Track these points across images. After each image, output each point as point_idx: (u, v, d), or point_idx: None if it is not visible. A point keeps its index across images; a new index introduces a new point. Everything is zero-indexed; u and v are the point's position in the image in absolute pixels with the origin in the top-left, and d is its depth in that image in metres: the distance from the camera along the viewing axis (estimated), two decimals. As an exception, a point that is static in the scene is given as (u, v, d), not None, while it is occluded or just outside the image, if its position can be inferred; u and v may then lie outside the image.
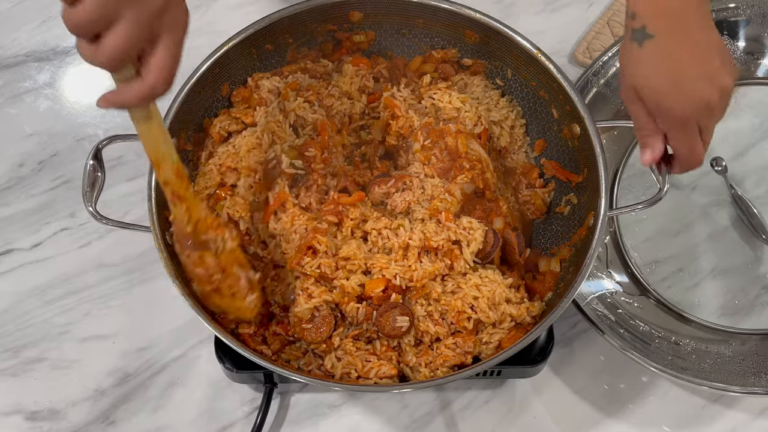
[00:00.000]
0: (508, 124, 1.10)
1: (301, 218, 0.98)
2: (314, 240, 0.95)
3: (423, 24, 1.08)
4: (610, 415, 1.05)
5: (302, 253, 0.95)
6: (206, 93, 1.04)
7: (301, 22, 1.06)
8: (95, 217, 0.92)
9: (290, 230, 0.97)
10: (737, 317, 1.07)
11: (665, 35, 0.80)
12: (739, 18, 1.17)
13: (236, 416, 1.04)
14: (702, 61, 0.81)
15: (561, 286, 0.97)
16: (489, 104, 1.10)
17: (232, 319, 0.94)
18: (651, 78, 0.82)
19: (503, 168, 1.09)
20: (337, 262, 0.95)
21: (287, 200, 0.99)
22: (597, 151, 0.97)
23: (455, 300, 0.94)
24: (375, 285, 0.94)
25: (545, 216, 1.08)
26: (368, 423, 1.05)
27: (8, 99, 1.24)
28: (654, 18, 0.80)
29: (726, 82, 0.82)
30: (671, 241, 1.12)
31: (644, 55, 0.82)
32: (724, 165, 1.13)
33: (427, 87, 1.09)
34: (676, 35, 0.81)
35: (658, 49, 0.81)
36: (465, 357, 0.94)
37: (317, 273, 0.94)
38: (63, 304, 1.10)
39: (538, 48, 1.02)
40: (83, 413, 1.04)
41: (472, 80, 1.11)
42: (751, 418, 1.05)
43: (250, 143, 1.01)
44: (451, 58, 1.11)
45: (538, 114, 1.10)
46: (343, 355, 0.94)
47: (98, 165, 0.93)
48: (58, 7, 1.35)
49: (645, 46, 0.81)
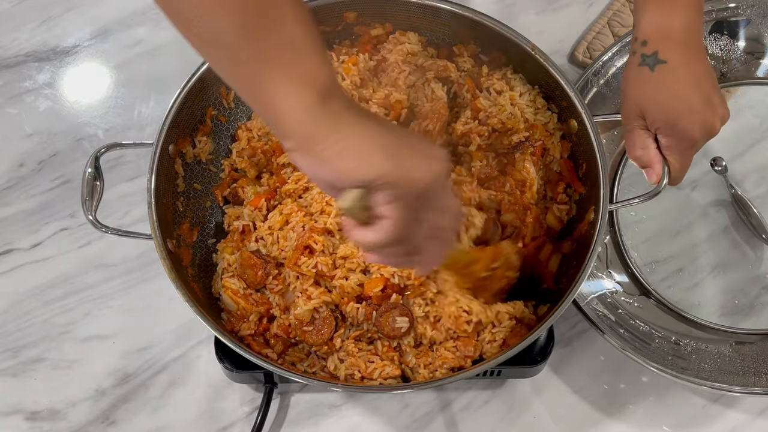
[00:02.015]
0: (551, 127, 1.07)
1: (299, 215, 0.97)
2: (311, 239, 0.95)
3: (418, 22, 1.08)
4: (610, 415, 1.05)
5: (299, 252, 0.95)
6: (204, 95, 1.03)
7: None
8: (95, 226, 0.92)
9: (288, 228, 0.97)
10: (737, 317, 1.07)
11: (677, 62, 0.87)
12: (739, 18, 1.17)
13: (236, 416, 1.04)
14: (706, 89, 0.88)
15: (564, 282, 0.97)
16: (534, 106, 1.07)
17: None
18: (668, 100, 0.88)
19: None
20: (335, 261, 0.95)
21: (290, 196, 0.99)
22: (595, 144, 0.97)
23: (449, 306, 0.94)
24: (374, 284, 0.94)
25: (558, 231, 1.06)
26: (368, 423, 1.05)
27: (8, 99, 1.24)
28: (666, 46, 0.87)
29: (724, 113, 0.90)
30: (671, 241, 1.12)
31: (657, 79, 0.87)
32: (724, 165, 1.13)
33: (487, 77, 1.07)
34: (685, 63, 0.87)
35: (671, 74, 0.87)
36: (464, 361, 0.94)
37: (313, 273, 0.94)
38: (63, 304, 1.10)
39: (533, 45, 1.01)
40: (83, 413, 1.04)
41: (514, 76, 1.09)
42: (751, 418, 1.05)
43: None
44: (471, 53, 1.09)
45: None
46: (345, 356, 0.94)
47: (97, 173, 0.93)
48: (59, 7, 1.35)
49: (658, 71, 0.87)
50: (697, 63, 0.88)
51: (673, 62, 0.87)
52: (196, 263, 1.00)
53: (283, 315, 0.96)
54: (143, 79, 1.25)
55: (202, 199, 1.05)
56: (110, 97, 1.25)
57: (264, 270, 0.96)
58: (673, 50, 0.87)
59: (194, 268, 0.99)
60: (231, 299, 0.96)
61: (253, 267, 0.97)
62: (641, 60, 0.88)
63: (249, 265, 0.97)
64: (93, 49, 1.28)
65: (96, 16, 1.30)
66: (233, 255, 1.00)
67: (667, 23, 0.87)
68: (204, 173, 1.06)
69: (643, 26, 0.89)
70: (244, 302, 0.96)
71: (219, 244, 1.03)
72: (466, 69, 1.08)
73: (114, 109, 1.23)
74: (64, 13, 1.30)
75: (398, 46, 1.07)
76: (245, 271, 0.97)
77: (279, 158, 1.05)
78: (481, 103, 1.05)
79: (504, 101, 1.05)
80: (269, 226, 0.99)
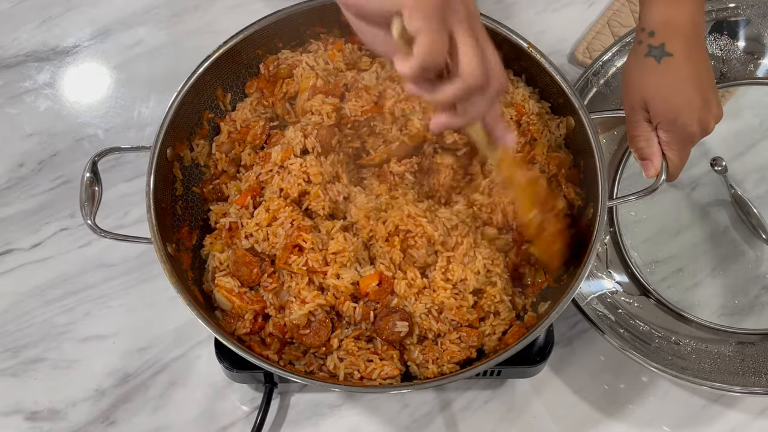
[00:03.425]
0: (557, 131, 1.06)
1: (286, 210, 0.97)
2: (299, 238, 0.95)
3: None
4: (610, 415, 1.05)
5: (288, 251, 0.94)
6: (200, 98, 1.03)
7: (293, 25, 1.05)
8: (94, 230, 0.92)
9: (276, 224, 0.97)
10: (737, 317, 1.07)
11: (682, 57, 0.87)
12: (739, 18, 1.17)
13: (236, 416, 1.04)
14: (705, 88, 0.89)
15: (564, 279, 0.97)
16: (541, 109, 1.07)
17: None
18: (671, 95, 0.88)
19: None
20: (326, 257, 0.95)
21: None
22: (592, 140, 0.97)
23: (448, 298, 0.95)
24: (369, 280, 0.94)
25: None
26: (368, 423, 1.05)
27: (8, 99, 1.24)
28: (673, 38, 0.87)
29: (718, 113, 0.91)
30: (671, 241, 1.12)
31: (662, 71, 0.88)
32: (724, 165, 1.13)
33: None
34: (689, 59, 0.88)
35: (676, 68, 0.88)
36: (470, 351, 0.95)
37: (305, 270, 0.94)
38: (63, 304, 1.10)
39: (528, 42, 1.01)
40: (83, 413, 1.04)
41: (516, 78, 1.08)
42: (751, 418, 1.05)
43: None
44: None
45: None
46: (345, 355, 0.94)
47: (95, 178, 0.93)
48: (59, 7, 1.35)
49: (664, 63, 0.87)
50: (700, 60, 0.89)
51: (678, 56, 0.88)
52: (196, 266, 1.00)
53: (278, 314, 0.96)
54: (143, 79, 1.25)
55: (201, 203, 1.05)
56: (110, 97, 1.25)
57: (259, 268, 0.96)
58: (680, 44, 0.88)
59: (194, 271, 0.98)
60: (225, 298, 0.95)
61: (248, 265, 0.96)
62: (648, 50, 0.89)
63: (244, 262, 0.96)
64: (93, 49, 1.28)
65: (96, 16, 1.30)
66: (224, 253, 0.99)
67: (675, 17, 0.88)
68: (202, 176, 1.06)
69: (652, 17, 0.89)
70: (239, 300, 0.95)
71: (205, 239, 1.01)
72: None
73: (114, 109, 1.23)
74: (64, 13, 1.30)
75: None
76: (239, 268, 0.96)
77: (246, 150, 1.05)
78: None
79: (516, 98, 1.05)
80: (256, 222, 0.98)
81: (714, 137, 0.91)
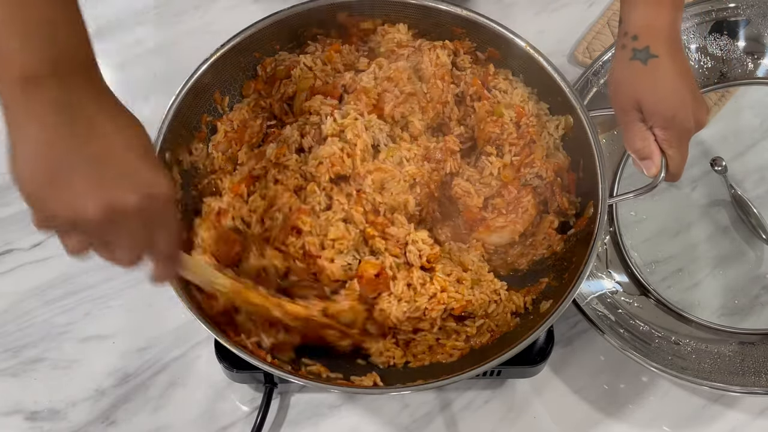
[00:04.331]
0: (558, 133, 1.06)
1: (285, 195, 0.97)
2: (298, 220, 0.95)
3: (410, 22, 1.08)
4: (610, 415, 1.06)
5: (286, 232, 0.94)
6: (198, 101, 1.03)
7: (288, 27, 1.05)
8: None
9: (273, 210, 0.97)
10: (737, 317, 1.07)
11: (667, 57, 0.89)
12: (739, 18, 1.17)
13: (236, 416, 1.04)
14: (691, 83, 0.91)
15: (565, 277, 0.97)
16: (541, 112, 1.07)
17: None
18: (665, 94, 0.90)
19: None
20: (323, 242, 0.95)
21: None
22: (591, 138, 0.97)
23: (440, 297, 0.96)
24: (370, 267, 0.95)
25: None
26: (368, 423, 1.05)
27: (8, 99, 1.23)
28: (655, 41, 0.89)
29: (707, 106, 0.93)
30: (671, 241, 1.12)
31: (650, 72, 0.89)
32: (724, 165, 1.13)
33: (494, 75, 1.07)
34: (675, 59, 0.90)
35: (664, 68, 0.89)
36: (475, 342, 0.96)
37: (300, 253, 0.94)
38: (63, 304, 1.10)
39: (528, 42, 1.01)
40: (83, 413, 1.04)
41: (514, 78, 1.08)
42: (751, 418, 1.05)
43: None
44: (467, 50, 1.08)
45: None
46: None
47: None
48: (58, 7, 1.31)
49: (650, 64, 0.89)
50: (682, 60, 0.91)
51: (663, 57, 0.90)
52: None
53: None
54: (143, 79, 1.25)
55: (199, 204, 1.04)
56: (110, 97, 1.24)
57: (241, 247, 0.93)
58: (662, 45, 0.90)
59: None
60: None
61: (230, 243, 0.93)
62: (632, 54, 0.90)
63: (224, 240, 0.93)
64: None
65: (96, 16, 1.29)
66: (208, 232, 0.95)
67: (656, 21, 0.90)
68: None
69: (634, 21, 0.91)
70: None
71: (195, 221, 0.98)
72: (465, 67, 1.08)
73: (114, 109, 1.23)
74: (64, 13, 1.29)
75: (387, 35, 1.07)
76: (218, 246, 0.93)
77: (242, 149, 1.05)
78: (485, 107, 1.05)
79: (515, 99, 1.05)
80: (250, 209, 0.98)
81: (714, 137, 0.91)
